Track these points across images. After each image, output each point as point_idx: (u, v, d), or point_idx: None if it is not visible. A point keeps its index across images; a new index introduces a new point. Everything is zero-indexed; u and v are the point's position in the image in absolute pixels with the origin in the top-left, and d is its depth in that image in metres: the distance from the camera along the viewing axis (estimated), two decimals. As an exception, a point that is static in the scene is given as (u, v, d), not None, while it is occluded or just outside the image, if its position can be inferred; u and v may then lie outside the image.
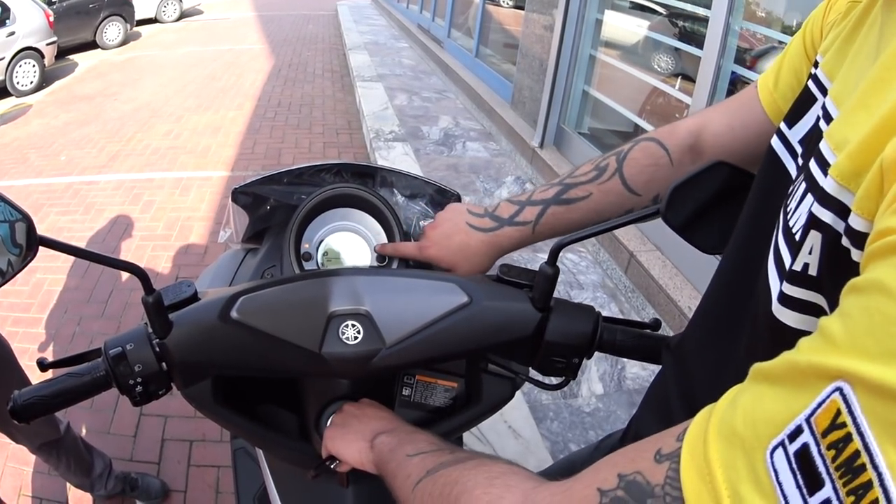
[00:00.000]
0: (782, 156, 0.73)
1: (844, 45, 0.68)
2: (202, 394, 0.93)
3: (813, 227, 0.52)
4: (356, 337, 0.87)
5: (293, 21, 16.10)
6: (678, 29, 4.80)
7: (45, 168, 6.33)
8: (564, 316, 0.94)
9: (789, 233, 0.57)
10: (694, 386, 0.78)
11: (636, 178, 1.04)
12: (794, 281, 0.54)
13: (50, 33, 10.52)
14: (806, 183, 0.57)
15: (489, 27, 8.76)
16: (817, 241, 0.51)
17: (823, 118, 0.64)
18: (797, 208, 0.57)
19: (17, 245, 0.75)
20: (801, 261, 0.53)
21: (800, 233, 0.54)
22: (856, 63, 0.64)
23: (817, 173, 0.55)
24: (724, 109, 1.03)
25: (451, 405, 1.11)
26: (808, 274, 0.52)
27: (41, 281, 4.13)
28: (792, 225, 0.57)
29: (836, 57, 0.69)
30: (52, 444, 2.21)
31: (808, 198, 0.54)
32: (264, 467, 1.15)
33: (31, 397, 0.86)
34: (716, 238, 0.93)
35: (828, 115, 0.63)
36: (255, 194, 1.28)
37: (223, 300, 0.87)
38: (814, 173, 0.55)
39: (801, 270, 0.53)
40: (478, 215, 1.11)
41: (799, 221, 0.55)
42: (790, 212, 0.59)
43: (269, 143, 7.03)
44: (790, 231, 0.57)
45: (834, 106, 0.62)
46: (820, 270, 0.51)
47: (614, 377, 3.09)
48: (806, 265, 0.52)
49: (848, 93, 0.61)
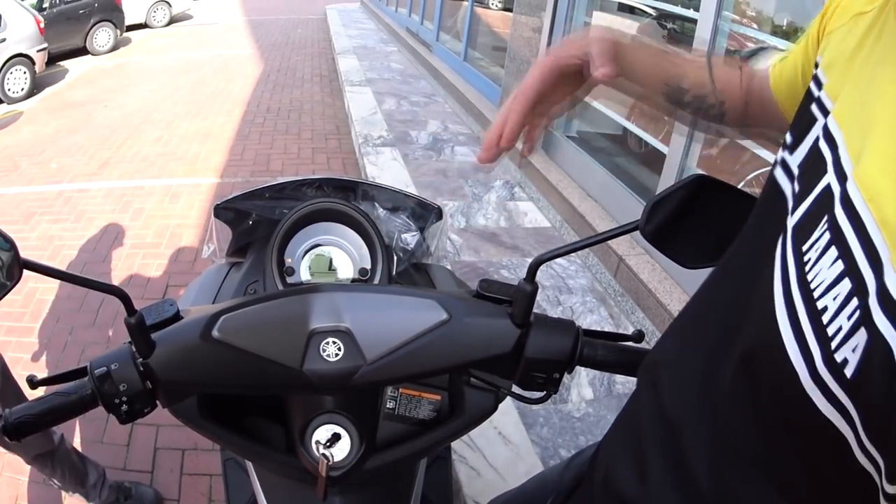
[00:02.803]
0: (782, 182, 0.69)
1: (848, 63, 0.65)
2: (188, 410, 0.94)
3: (865, 325, 0.46)
4: (337, 354, 0.88)
5: (282, 25, 16.09)
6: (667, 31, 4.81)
7: (36, 176, 6.32)
8: (544, 332, 0.94)
9: (814, 307, 0.52)
10: (667, 411, 0.76)
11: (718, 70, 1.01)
12: (831, 369, 0.49)
13: (40, 40, 10.48)
14: (839, 249, 0.51)
15: (477, 30, 8.76)
16: (863, 341, 0.46)
17: (824, 138, 0.61)
18: (831, 285, 0.51)
19: (1, 271, 0.77)
20: (843, 354, 0.48)
21: (844, 322, 0.48)
22: (862, 76, 0.61)
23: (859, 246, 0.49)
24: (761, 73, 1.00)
25: (435, 417, 1.11)
26: (843, 372, 0.47)
27: (33, 290, 4.13)
28: (818, 297, 0.52)
29: (839, 77, 0.65)
30: (46, 454, 2.22)
31: (847, 281, 0.49)
32: (254, 478, 1.15)
33: (21, 416, 0.87)
34: (694, 252, 0.94)
35: (829, 135, 0.60)
36: (238, 209, 1.28)
37: (204, 319, 0.88)
38: (851, 244, 0.50)
39: (840, 363, 0.48)
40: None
41: (837, 300, 0.50)
42: (815, 278, 0.53)
43: (258, 149, 7.03)
44: (815, 305, 0.52)
45: (837, 126, 0.60)
46: (856, 375, 0.46)
47: (604, 382, 3.10)
48: (845, 361, 0.47)
49: (857, 113, 0.58)
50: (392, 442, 1.03)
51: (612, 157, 4.95)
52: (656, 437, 0.75)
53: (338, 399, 0.97)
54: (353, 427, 0.96)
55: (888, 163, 0.50)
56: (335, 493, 1.03)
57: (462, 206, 5.00)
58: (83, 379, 0.88)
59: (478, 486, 2.46)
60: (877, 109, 0.55)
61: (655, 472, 0.74)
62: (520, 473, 2.48)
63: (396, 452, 1.00)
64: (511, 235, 4.59)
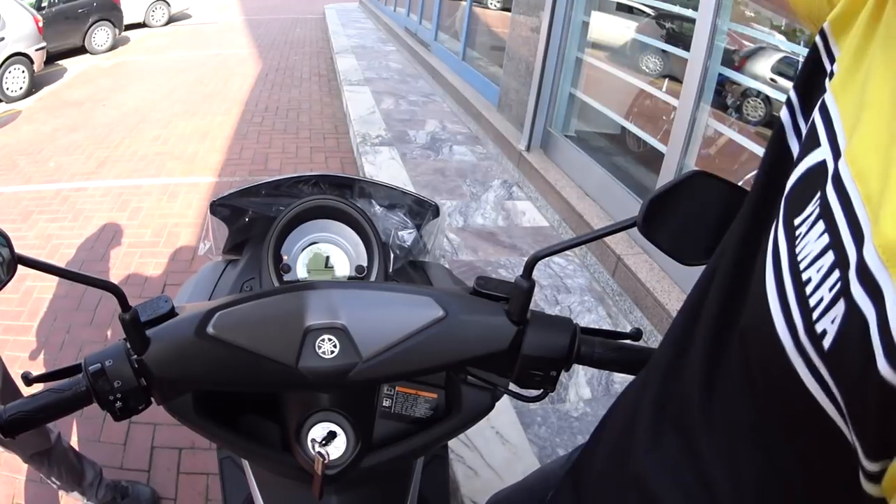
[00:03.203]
0: (788, 135, 0.68)
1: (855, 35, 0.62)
2: (183, 407, 0.94)
3: (844, 297, 0.46)
4: (332, 351, 0.88)
5: (281, 25, 16.09)
6: (665, 31, 4.81)
7: (34, 175, 6.31)
8: (541, 329, 0.94)
9: (799, 279, 0.52)
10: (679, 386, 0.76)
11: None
12: (811, 340, 0.49)
13: (39, 39, 10.47)
14: (826, 223, 0.51)
15: (476, 30, 8.76)
16: (840, 313, 0.46)
17: (819, 109, 0.60)
18: (816, 257, 0.51)
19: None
20: (822, 325, 0.48)
21: (825, 294, 0.48)
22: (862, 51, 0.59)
23: (844, 220, 0.49)
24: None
25: (431, 416, 1.11)
26: (822, 343, 0.48)
27: (31, 289, 4.13)
28: (803, 269, 0.52)
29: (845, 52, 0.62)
30: (43, 453, 2.22)
31: (830, 254, 0.49)
32: (250, 477, 1.15)
33: (15, 413, 0.86)
34: (692, 248, 0.93)
35: (825, 108, 0.59)
36: (234, 206, 1.28)
37: (199, 316, 0.88)
38: (837, 219, 0.50)
39: (819, 334, 0.48)
40: None
41: (820, 272, 0.50)
42: (802, 250, 0.53)
43: (257, 148, 7.03)
44: (800, 277, 0.52)
45: (833, 99, 0.59)
46: (832, 347, 0.47)
47: (602, 381, 3.10)
48: (824, 332, 0.48)
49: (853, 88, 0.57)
50: (388, 440, 1.03)
51: (610, 157, 4.95)
52: (669, 411, 0.74)
53: (334, 397, 0.96)
54: (349, 425, 0.96)
55: (876, 139, 0.51)
56: (331, 491, 1.03)
57: (460, 206, 5.00)
58: (78, 375, 0.88)
59: (475, 485, 2.45)
60: (871, 87, 0.55)
61: (667, 443, 0.74)
62: (517, 473, 2.48)
63: (393, 451, 1.00)
64: (509, 235, 4.59)
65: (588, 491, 0.92)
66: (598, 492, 0.88)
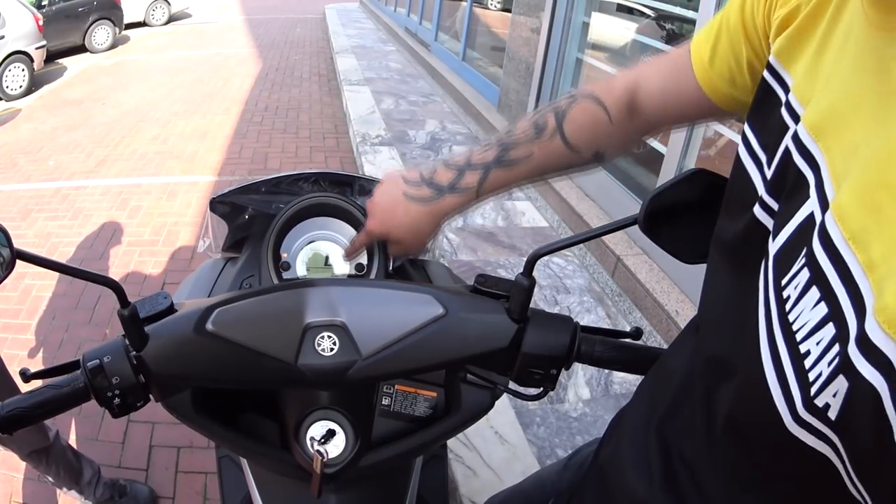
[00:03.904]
0: (749, 168, 0.68)
1: (815, 62, 0.62)
2: (182, 404, 0.93)
3: (844, 373, 0.45)
4: (332, 348, 0.88)
5: (281, 24, 16.08)
6: (665, 31, 4.80)
7: (33, 173, 6.31)
8: (541, 327, 0.93)
9: (797, 350, 0.50)
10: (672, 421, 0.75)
11: (577, 136, 1.02)
12: (813, 412, 0.48)
13: (39, 37, 10.48)
14: (820, 291, 0.49)
15: (476, 30, 8.76)
16: (843, 388, 0.45)
17: (800, 154, 0.58)
18: (814, 329, 0.49)
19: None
20: (824, 399, 0.47)
21: (825, 368, 0.47)
22: (835, 80, 0.58)
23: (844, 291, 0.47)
24: (657, 69, 0.98)
25: (431, 415, 1.11)
26: (827, 415, 0.46)
27: (29, 287, 4.13)
28: (801, 340, 0.50)
29: (808, 78, 0.62)
30: (41, 451, 2.22)
31: (830, 326, 0.47)
32: (248, 475, 1.14)
33: (12, 409, 0.86)
34: (692, 247, 0.93)
35: (807, 152, 0.57)
36: (233, 204, 1.28)
37: (198, 312, 0.87)
38: (835, 288, 0.48)
39: (822, 407, 0.47)
40: (415, 184, 1.09)
41: (820, 345, 0.48)
42: (797, 319, 0.51)
43: (256, 148, 7.03)
44: (798, 349, 0.50)
45: (813, 141, 0.57)
46: (839, 419, 0.46)
47: (601, 382, 3.10)
48: (827, 405, 0.46)
49: (836, 128, 0.55)
50: (387, 439, 1.02)
51: (610, 157, 4.93)
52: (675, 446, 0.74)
53: (333, 395, 0.96)
54: (348, 423, 0.95)
55: (869, 196, 0.48)
56: (330, 490, 1.03)
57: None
58: (76, 372, 0.88)
59: (474, 485, 2.45)
60: (857, 127, 0.53)
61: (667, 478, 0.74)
62: (516, 473, 2.48)
63: (392, 449, 1.00)
64: (508, 235, 4.58)
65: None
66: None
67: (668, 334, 3.27)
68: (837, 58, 0.59)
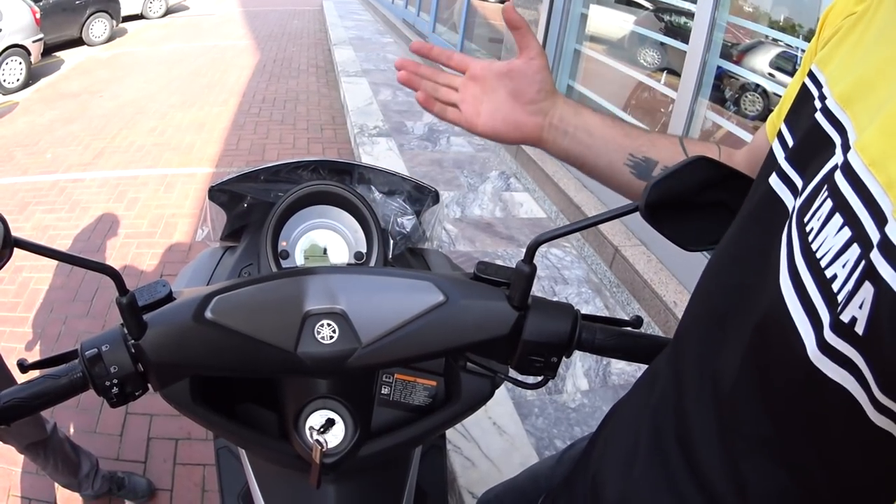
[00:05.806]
0: (782, 194, 0.67)
1: (849, 54, 0.64)
2: (180, 394, 0.93)
3: (869, 279, 0.45)
4: (332, 336, 0.87)
5: (278, 16, 16.05)
6: (664, 23, 4.80)
7: (31, 166, 6.29)
8: (542, 315, 0.92)
9: (822, 276, 0.51)
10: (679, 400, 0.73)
11: (691, 148, 1.06)
12: (839, 332, 0.48)
13: (36, 30, 10.41)
14: (843, 216, 0.50)
15: (474, 21, 8.75)
16: (870, 295, 0.45)
17: (830, 122, 0.59)
18: (839, 252, 0.50)
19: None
20: (850, 313, 0.47)
21: (850, 283, 0.47)
22: (860, 57, 0.61)
23: (865, 211, 0.48)
24: (744, 149, 1.05)
25: (430, 404, 1.10)
26: (854, 330, 0.46)
27: (27, 280, 4.12)
28: (826, 266, 0.51)
29: (838, 67, 0.64)
30: (39, 444, 2.21)
31: (855, 247, 0.48)
32: (247, 466, 1.14)
33: (10, 399, 0.85)
34: (695, 235, 0.92)
35: (829, 113, 0.59)
36: (232, 192, 1.27)
37: (197, 300, 0.87)
38: (857, 211, 0.49)
39: (848, 323, 0.47)
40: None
41: (846, 267, 0.48)
42: (820, 247, 0.52)
43: (254, 139, 7.02)
44: (823, 275, 0.51)
45: (841, 109, 0.58)
46: (867, 331, 0.45)
47: (599, 373, 3.10)
48: (854, 319, 0.46)
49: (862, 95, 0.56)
50: (387, 428, 1.02)
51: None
52: (666, 426, 0.73)
53: (332, 384, 0.96)
54: (347, 413, 0.95)
55: (891, 127, 0.49)
56: (329, 480, 1.02)
57: (457, 197, 4.99)
58: (74, 361, 0.87)
59: (472, 476, 2.45)
60: (882, 88, 0.54)
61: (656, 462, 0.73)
62: (514, 464, 2.48)
63: (391, 439, 0.99)
64: (506, 226, 4.58)
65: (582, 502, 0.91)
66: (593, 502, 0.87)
67: (666, 325, 3.27)
68: (868, 41, 0.61)
